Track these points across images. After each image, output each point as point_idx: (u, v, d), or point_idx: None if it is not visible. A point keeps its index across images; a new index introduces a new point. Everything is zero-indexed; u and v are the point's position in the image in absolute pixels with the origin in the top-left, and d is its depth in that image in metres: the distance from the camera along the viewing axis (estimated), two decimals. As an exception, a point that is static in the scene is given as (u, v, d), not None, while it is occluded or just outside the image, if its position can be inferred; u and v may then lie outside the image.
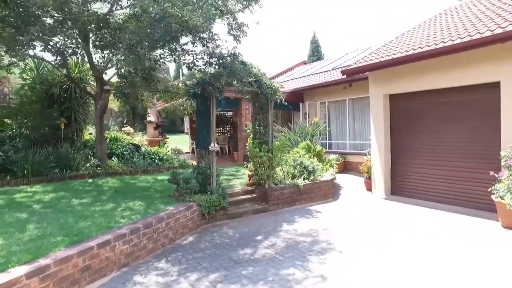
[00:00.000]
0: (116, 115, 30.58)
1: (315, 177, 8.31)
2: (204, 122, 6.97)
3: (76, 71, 10.32)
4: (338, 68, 13.70)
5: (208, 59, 6.45)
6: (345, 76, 10.07)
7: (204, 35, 6.09)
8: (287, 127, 11.82)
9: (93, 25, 6.66)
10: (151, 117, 16.59)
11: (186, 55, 6.54)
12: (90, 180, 8.50)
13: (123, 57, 5.59)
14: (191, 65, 6.47)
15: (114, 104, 28.27)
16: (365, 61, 8.57)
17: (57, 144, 9.45)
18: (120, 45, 5.55)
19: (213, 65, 6.30)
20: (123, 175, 9.44)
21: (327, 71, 14.73)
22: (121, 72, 7.52)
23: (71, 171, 8.75)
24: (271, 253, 5.05)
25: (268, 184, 7.53)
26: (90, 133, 12.86)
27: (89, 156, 9.82)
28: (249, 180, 7.97)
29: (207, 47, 6.35)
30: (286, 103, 8.09)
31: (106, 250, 4.18)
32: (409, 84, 7.94)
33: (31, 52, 8.18)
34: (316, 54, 40.68)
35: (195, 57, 6.49)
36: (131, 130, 17.26)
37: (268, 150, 7.56)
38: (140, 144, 14.72)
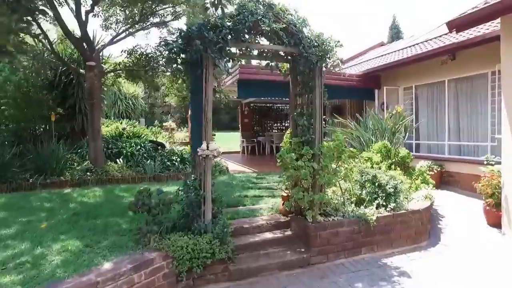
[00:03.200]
0: (175, 110, 29.57)
1: (399, 204, 4.82)
2: (196, 107, 4.04)
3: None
4: (432, 39, 9.65)
5: None
6: (453, 35, 6.37)
7: None
8: (355, 121, 8.25)
9: None
10: (193, 111, 14.29)
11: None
12: (67, 191, 6.19)
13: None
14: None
15: (172, 98, 27.27)
16: None
17: (49, 140, 7.43)
18: None
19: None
20: (121, 183, 7.02)
21: (415, 44, 10.67)
22: None
23: (52, 176, 6.58)
24: None
25: (312, 216, 4.30)
26: (117, 127, 10.90)
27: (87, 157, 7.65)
28: (283, 205, 4.82)
29: None
30: (352, 85, 4.74)
31: None
32: None
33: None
34: (396, 41, 35.35)
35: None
36: (172, 125, 15.38)
37: (312, 157, 4.33)
38: (177, 141, 12.54)
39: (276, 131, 16.84)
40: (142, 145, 8.87)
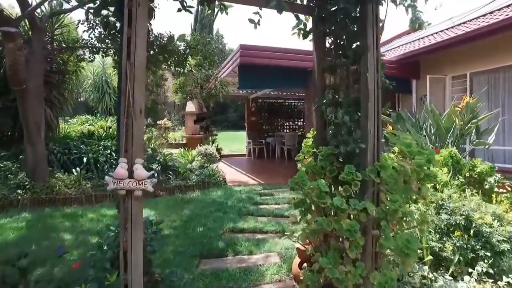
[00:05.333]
0: (178, 108, 27.56)
1: (513, 269, 2.61)
2: (119, 87, 1.93)
3: None
4: (492, 13, 7.28)
5: None
6: None
7: None
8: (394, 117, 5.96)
9: None
10: (191, 107, 12.25)
11: None
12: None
13: None
14: None
15: (175, 96, 25.32)
16: None
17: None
18: None
19: None
20: (70, 204, 4.97)
21: (466, 21, 8.29)
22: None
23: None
24: None
25: (360, 304, 2.14)
26: (101, 126, 8.94)
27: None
28: (299, 266, 2.66)
29: None
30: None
31: None
32: None
33: None
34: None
35: None
36: (167, 124, 13.38)
37: (361, 187, 2.15)
38: (173, 142, 10.54)
39: (287, 130, 14.75)
40: (114, 149, 6.81)
